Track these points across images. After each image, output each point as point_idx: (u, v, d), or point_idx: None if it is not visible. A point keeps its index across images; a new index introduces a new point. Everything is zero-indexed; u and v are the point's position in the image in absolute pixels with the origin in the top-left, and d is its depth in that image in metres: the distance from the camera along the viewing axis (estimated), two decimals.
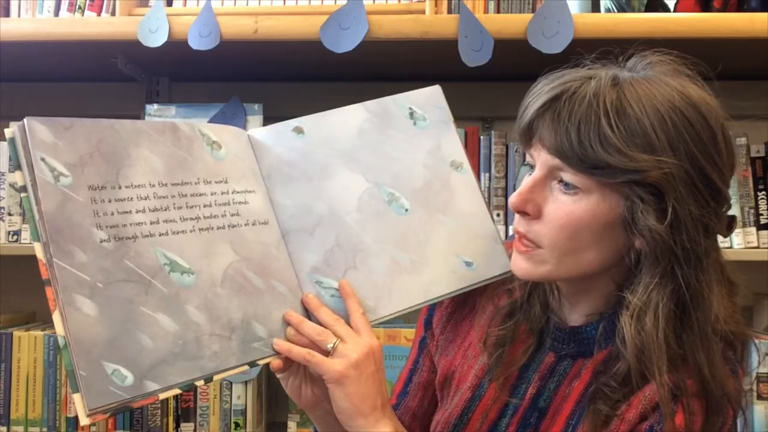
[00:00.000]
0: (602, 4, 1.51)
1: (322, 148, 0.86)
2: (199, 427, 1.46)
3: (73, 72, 1.62)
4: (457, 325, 0.92)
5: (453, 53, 1.31)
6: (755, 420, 1.35)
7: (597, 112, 0.70)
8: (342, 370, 0.74)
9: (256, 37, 1.35)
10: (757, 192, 1.41)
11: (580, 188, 0.72)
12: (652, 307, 0.71)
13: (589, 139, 0.69)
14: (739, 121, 1.61)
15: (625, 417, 0.74)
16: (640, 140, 0.69)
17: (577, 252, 0.74)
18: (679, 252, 0.70)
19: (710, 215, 0.72)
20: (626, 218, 0.71)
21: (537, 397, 0.82)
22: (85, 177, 0.70)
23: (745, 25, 1.30)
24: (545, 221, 0.75)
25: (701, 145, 0.71)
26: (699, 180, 0.71)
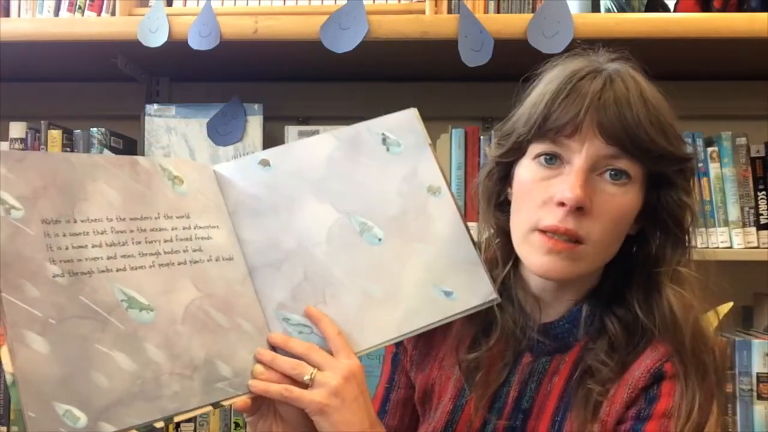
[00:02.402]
0: (602, 4, 1.51)
1: (289, 180, 0.83)
2: (199, 427, 1.46)
3: (73, 72, 1.62)
4: (430, 339, 0.90)
5: (453, 53, 1.30)
6: (755, 420, 1.35)
7: (654, 105, 0.74)
8: (323, 401, 0.72)
9: (256, 37, 1.35)
10: (757, 192, 1.41)
11: (629, 177, 0.73)
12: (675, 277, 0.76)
13: (655, 129, 0.73)
14: (739, 121, 1.63)
15: (614, 400, 0.76)
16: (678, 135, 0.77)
17: (612, 244, 0.76)
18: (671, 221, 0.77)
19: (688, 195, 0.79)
20: (649, 204, 0.75)
21: (519, 400, 0.82)
22: (38, 210, 0.68)
23: (745, 25, 1.30)
24: (596, 215, 0.73)
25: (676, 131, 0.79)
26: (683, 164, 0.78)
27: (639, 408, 0.75)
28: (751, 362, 1.36)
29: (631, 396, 0.76)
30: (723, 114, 1.59)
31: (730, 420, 1.36)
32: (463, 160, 1.43)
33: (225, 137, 1.49)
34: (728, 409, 1.37)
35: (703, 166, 1.39)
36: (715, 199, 1.39)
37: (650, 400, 0.75)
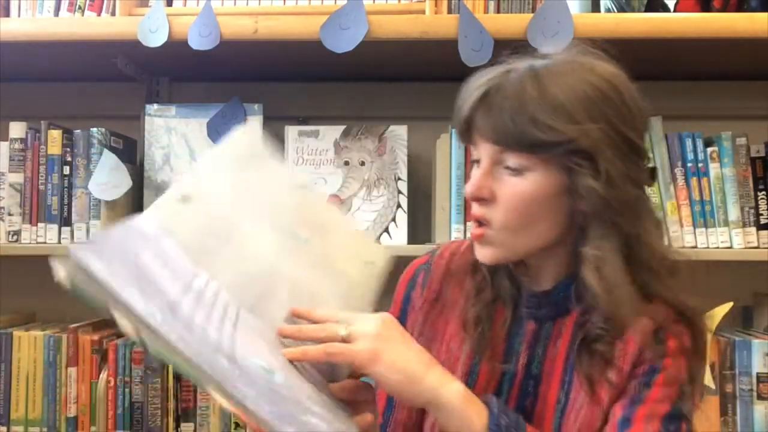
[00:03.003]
0: (602, 4, 1.51)
1: (217, 210, 0.80)
2: (199, 427, 1.45)
3: (73, 72, 1.62)
4: (434, 324, 0.92)
5: (453, 53, 1.30)
6: (755, 420, 1.36)
7: (523, 98, 0.77)
8: (372, 346, 0.71)
9: (256, 37, 1.35)
10: (757, 192, 1.41)
11: (524, 168, 0.78)
12: (605, 256, 0.78)
13: (522, 123, 0.76)
14: (739, 121, 1.63)
15: (626, 350, 0.80)
16: (564, 115, 0.76)
17: (530, 227, 0.80)
18: (616, 204, 0.77)
19: (635, 169, 0.80)
20: (568, 186, 0.78)
21: (529, 366, 0.86)
22: None
23: (745, 25, 1.30)
24: (499, 203, 0.80)
25: (615, 110, 0.79)
26: (619, 140, 0.78)
27: (654, 350, 0.80)
28: (751, 362, 1.36)
29: (645, 339, 0.81)
30: (723, 114, 1.59)
31: (730, 420, 1.36)
32: (463, 160, 1.43)
33: (225, 137, 1.49)
34: (728, 409, 1.37)
35: (703, 166, 1.39)
36: (715, 199, 1.39)
37: (660, 342, 0.81)
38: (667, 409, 0.79)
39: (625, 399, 0.80)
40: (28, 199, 1.48)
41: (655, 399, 0.79)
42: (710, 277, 1.54)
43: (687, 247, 1.38)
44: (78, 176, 1.47)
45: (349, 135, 1.50)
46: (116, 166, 1.44)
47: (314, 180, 1.48)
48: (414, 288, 0.95)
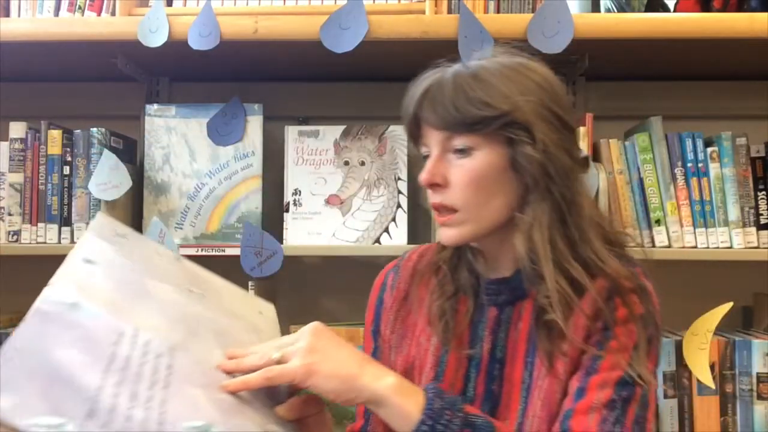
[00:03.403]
0: (602, 4, 1.51)
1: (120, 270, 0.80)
2: None
3: (73, 72, 1.62)
4: (404, 321, 0.98)
5: (453, 53, 1.30)
6: (755, 420, 1.35)
7: (460, 85, 0.85)
8: (304, 362, 0.73)
9: (256, 37, 1.35)
10: (757, 192, 1.41)
11: (470, 148, 0.85)
12: (537, 221, 0.84)
13: (462, 105, 0.84)
14: (739, 121, 1.63)
15: (576, 323, 0.84)
16: (497, 93, 0.84)
17: (486, 202, 0.86)
18: (551, 170, 0.84)
19: (568, 142, 0.87)
20: (511, 157, 0.85)
21: (493, 350, 0.90)
22: None
23: (745, 25, 1.30)
24: (453, 186, 0.86)
25: (544, 90, 0.86)
26: (551, 116, 0.85)
27: (602, 320, 0.85)
28: (751, 362, 1.36)
29: (590, 314, 0.85)
30: (723, 114, 1.59)
31: (730, 420, 1.36)
32: None
33: (225, 137, 1.49)
34: (728, 409, 1.37)
35: (703, 166, 1.39)
36: (715, 199, 1.39)
37: (610, 311, 0.84)
38: (619, 374, 0.82)
39: (580, 371, 0.84)
40: (28, 199, 1.48)
41: (607, 367, 0.82)
42: (710, 277, 1.55)
43: (687, 247, 1.38)
44: (78, 176, 1.47)
45: (349, 135, 1.50)
46: (116, 166, 1.44)
47: (314, 180, 1.48)
48: (385, 290, 1.01)
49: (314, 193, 1.48)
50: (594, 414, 0.80)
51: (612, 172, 1.39)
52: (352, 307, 1.54)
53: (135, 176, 1.48)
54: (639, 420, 0.81)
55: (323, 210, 1.48)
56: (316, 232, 1.47)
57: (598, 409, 0.80)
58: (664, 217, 1.39)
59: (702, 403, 1.36)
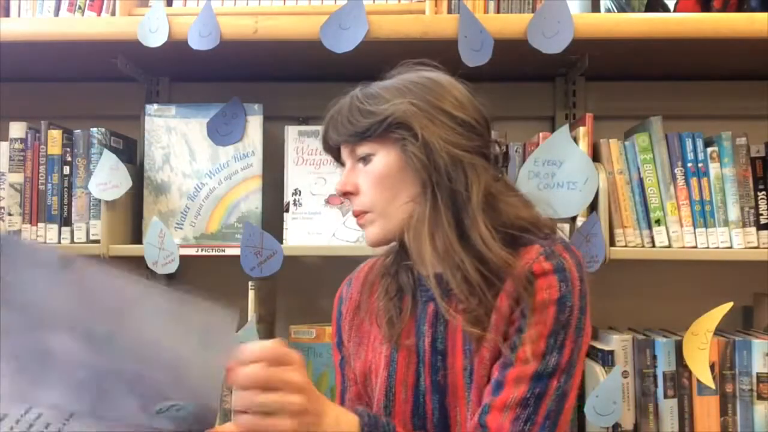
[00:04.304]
0: (602, 4, 1.51)
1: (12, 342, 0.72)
2: None
3: (73, 72, 1.62)
4: (359, 329, 1.04)
5: (453, 53, 1.30)
6: (755, 420, 1.35)
7: (353, 102, 0.96)
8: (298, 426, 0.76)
9: (256, 37, 1.35)
10: (757, 192, 1.41)
11: (369, 155, 0.94)
12: (419, 212, 0.91)
13: (354, 118, 0.94)
14: (739, 121, 1.63)
15: (499, 309, 0.89)
16: (378, 100, 0.94)
17: (392, 200, 0.93)
18: (439, 164, 0.89)
19: (457, 137, 0.91)
20: (403, 156, 0.91)
21: (434, 343, 0.95)
22: None
23: (745, 25, 1.30)
24: (363, 191, 0.95)
25: (425, 88, 0.94)
26: (435, 112, 0.92)
27: (521, 306, 0.88)
28: (751, 362, 1.36)
29: (512, 298, 0.88)
30: (723, 114, 1.59)
31: (730, 420, 1.36)
32: None
33: (225, 137, 1.49)
34: (728, 409, 1.37)
35: (703, 166, 1.39)
36: (715, 199, 1.39)
37: (529, 295, 0.87)
38: (534, 368, 0.86)
39: (500, 359, 0.88)
40: (28, 199, 1.48)
41: (522, 358, 0.86)
42: (710, 277, 1.55)
43: (687, 247, 1.38)
44: (78, 176, 1.47)
45: None
46: (116, 166, 1.44)
47: (314, 180, 1.48)
48: (342, 303, 1.08)
49: (314, 193, 1.48)
50: (508, 412, 0.86)
51: (612, 172, 1.39)
52: None
53: (135, 176, 1.48)
54: (550, 414, 0.85)
55: (323, 210, 1.48)
56: (316, 232, 1.47)
57: (512, 407, 0.85)
58: (664, 217, 1.39)
59: (702, 403, 1.36)
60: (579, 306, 0.88)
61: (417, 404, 0.95)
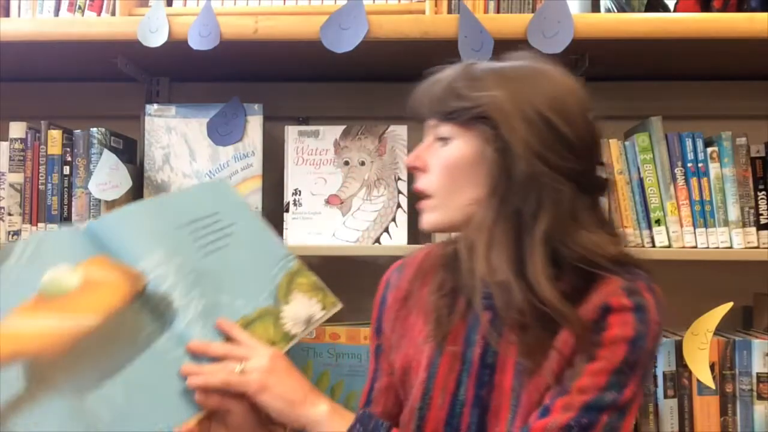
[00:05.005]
0: (602, 4, 1.51)
1: None
2: None
3: (73, 72, 1.62)
4: (405, 321, 0.98)
5: (453, 53, 1.30)
6: (755, 420, 1.35)
7: (451, 77, 0.87)
8: (259, 379, 0.81)
9: (256, 37, 1.35)
10: (757, 192, 1.41)
11: (448, 137, 0.87)
12: (486, 225, 0.83)
13: (445, 94, 0.86)
14: (739, 121, 1.63)
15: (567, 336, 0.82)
16: (477, 84, 0.84)
17: (455, 191, 0.87)
18: (515, 173, 0.81)
19: (552, 155, 0.81)
20: (481, 153, 0.84)
21: (484, 356, 0.89)
22: None
23: (745, 25, 1.30)
24: (431, 172, 0.89)
25: (540, 92, 0.83)
26: (537, 119, 0.82)
27: (589, 337, 0.81)
28: (751, 362, 1.36)
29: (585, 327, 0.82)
30: (723, 114, 1.59)
31: (730, 420, 1.36)
32: None
33: (225, 137, 1.49)
34: (728, 409, 1.37)
35: (703, 166, 1.39)
36: (715, 199, 1.39)
37: (600, 329, 0.81)
38: (586, 399, 0.80)
39: (556, 386, 0.82)
40: (28, 199, 1.48)
41: (579, 388, 0.80)
42: (710, 277, 1.55)
43: (687, 247, 1.38)
44: (78, 176, 1.47)
45: (349, 135, 1.50)
46: (116, 166, 1.44)
47: (314, 180, 1.48)
48: (389, 289, 1.02)
49: (314, 193, 1.48)
50: None
51: (612, 172, 1.39)
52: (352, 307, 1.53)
53: (135, 176, 1.48)
54: None
55: (323, 210, 1.48)
56: (316, 232, 1.47)
57: (551, 430, 0.79)
58: (664, 217, 1.39)
59: (702, 403, 1.36)
60: (650, 350, 0.82)
61: (453, 414, 0.89)
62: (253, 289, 0.92)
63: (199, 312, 0.85)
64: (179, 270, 0.87)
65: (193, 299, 0.85)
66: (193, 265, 0.88)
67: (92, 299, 0.77)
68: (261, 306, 0.91)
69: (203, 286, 0.87)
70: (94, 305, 0.77)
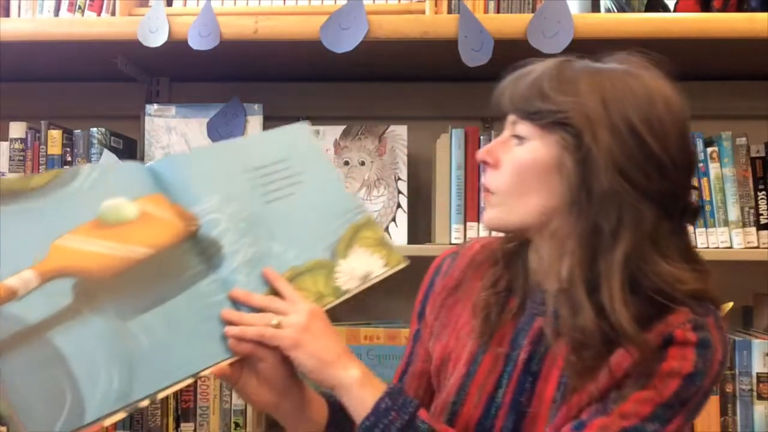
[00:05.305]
0: (602, 4, 1.51)
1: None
2: (199, 427, 1.46)
3: (73, 72, 1.62)
4: (450, 310, 0.95)
5: (453, 53, 1.30)
6: (755, 420, 1.36)
7: (541, 74, 0.81)
8: (294, 334, 0.79)
9: (256, 37, 1.35)
10: (757, 192, 1.41)
11: (526, 137, 0.81)
12: (556, 237, 0.80)
13: (531, 92, 0.80)
14: (739, 121, 1.62)
15: (623, 357, 0.77)
16: (566, 88, 0.79)
17: (524, 195, 0.82)
18: (594, 187, 0.76)
19: (638, 168, 0.75)
20: (558, 161, 0.78)
21: (529, 362, 0.85)
22: None
23: (745, 25, 1.30)
24: (501, 169, 0.84)
25: (630, 97, 0.78)
26: (628, 135, 0.76)
27: (646, 365, 0.76)
28: (751, 362, 1.36)
29: (633, 360, 0.77)
30: (723, 114, 1.59)
31: (730, 420, 1.36)
32: (463, 160, 1.43)
33: (225, 137, 1.49)
34: (728, 409, 1.37)
35: (703, 166, 1.39)
36: (715, 199, 1.39)
37: (658, 359, 0.76)
38: (626, 425, 0.75)
39: (597, 404, 0.78)
40: None
41: (621, 413, 0.75)
42: None
43: None
44: None
45: (349, 135, 1.50)
46: None
47: None
48: (438, 275, 0.98)
49: None
50: None
51: None
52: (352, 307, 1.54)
53: None
54: None
55: None
56: None
57: None
58: None
59: None
60: (706, 390, 0.77)
61: (487, 415, 0.86)
62: (310, 240, 0.90)
63: (247, 259, 0.84)
64: (233, 216, 0.86)
65: (242, 246, 0.85)
66: (249, 211, 0.87)
67: (146, 233, 0.80)
68: (315, 258, 0.89)
69: (256, 233, 0.86)
70: (146, 238, 0.79)
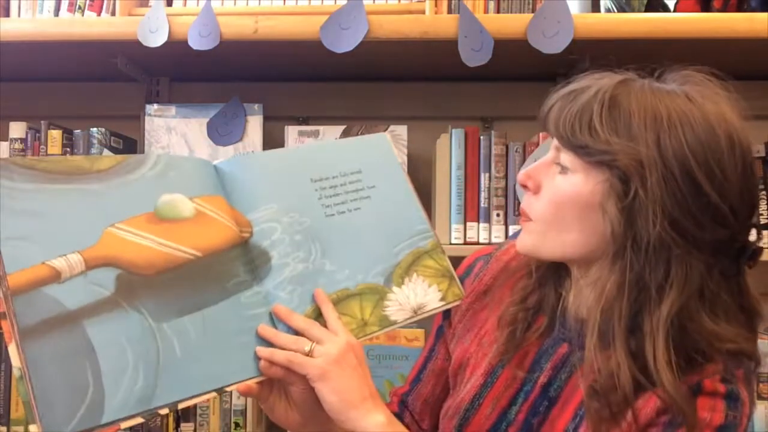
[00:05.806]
0: (602, 4, 1.51)
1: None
2: (199, 427, 1.46)
3: (73, 72, 1.62)
4: (476, 315, 0.92)
5: (453, 53, 1.31)
6: (755, 420, 1.35)
7: (593, 101, 0.75)
8: (323, 365, 0.75)
9: (256, 37, 1.35)
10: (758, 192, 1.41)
11: (570, 169, 0.77)
12: (599, 285, 0.76)
13: (579, 121, 0.75)
14: None
15: (647, 403, 0.74)
16: (618, 126, 0.73)
17: (561, 229, 0.79)
18: (640, 236, 0.72)
19: (692, 223, 0.72)
20: (600, 201, 0.74)
21: (548, 386, 0.83)
22: None
23: (745, 25, 1.30)
24: (541, 196, 0.80)
25: (691, 141, 0.73)
26: (681, 177, 0.72)
27: (672, 415, 0.73)
28: None
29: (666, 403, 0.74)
30: None
31: None
32: (463, 160, 1.43)
33: (225, 137, 1.49)
34: None
35: None
36: None
37: (685, 409, 0.73)
38: None
39: None
40: None
41: None
42: None
43: None
44: None
45: (349, 135, 1.50)
46: None
47: None
48: (468, 276, 0.95)
49: None
50: None
51: None
52: None
53: None
54: None
55: None
56: None
57: None
58: None
59: None
60: None
61: (496, 429, 0.85)
62: (366, 261, 0.84)
63: (294, 275, 0.80)
64: (289, 227, 0.82)
65: (291, 261, 0.81)
66: (308, 224, 0.83)
67: (198, 234, 0.77)
68: (367, 282, 0.83)
69: (310, 247, 0.82)
70: (198, 240, 0.77)
